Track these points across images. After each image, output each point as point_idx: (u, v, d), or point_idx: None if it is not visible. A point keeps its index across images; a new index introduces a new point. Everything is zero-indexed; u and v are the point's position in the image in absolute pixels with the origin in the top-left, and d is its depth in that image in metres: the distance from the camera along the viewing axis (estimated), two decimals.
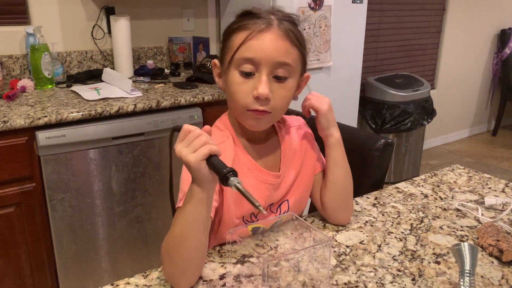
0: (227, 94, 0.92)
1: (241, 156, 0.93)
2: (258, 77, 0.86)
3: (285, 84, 0.89)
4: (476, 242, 0.95)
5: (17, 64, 2.11)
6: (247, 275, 0.82)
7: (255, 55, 0.84)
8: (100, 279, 1.89)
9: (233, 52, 0.86)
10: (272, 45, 0.85)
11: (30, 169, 1.65)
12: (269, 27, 0.85)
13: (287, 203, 1.01)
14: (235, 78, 0.87)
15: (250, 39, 0.84)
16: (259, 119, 0.89)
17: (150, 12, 2.45)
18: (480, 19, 4.29)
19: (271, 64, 0.85)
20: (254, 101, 0.86)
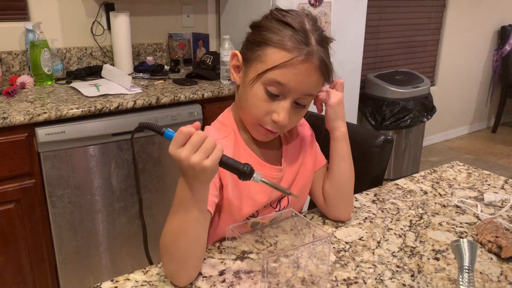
0: (243, 99, 0.90)
1: (242, 151, 0.93)
2: (282, 102, 0.86)
3: (302, 111, 0.90)
4: (475, 238, 0.95)
5: (17, 60, 2.10)
6: (247, 271, 0.82)
7: (288, 83, 0.83)
8: (100, 275, 1.90)
9: (266, 68, 0.84)
10: (307, 79, 0.84)
11: (30, 166, 1.65)
12: (309, 56, 0.83)
13: (287, 198, 1.01)
14: (259, 94, 0.86)
15: (288, 66, 0.82)
16: (267, 136, 0.92)
17: (149, 8, 2.44)
18: (480, 16, 4.28)
19: (299, 94, 0.86)
20: (270, 122, 0.88)
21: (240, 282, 0.79)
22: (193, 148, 0.67)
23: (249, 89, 0.87)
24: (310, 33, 0.84)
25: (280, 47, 0.83)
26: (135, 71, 2.29)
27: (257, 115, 0.88)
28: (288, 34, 0.83)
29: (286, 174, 0.99)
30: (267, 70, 0.83)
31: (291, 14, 0.87)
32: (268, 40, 0.84)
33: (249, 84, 0.87)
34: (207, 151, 0.68)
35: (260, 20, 0.90)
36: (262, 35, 0.86)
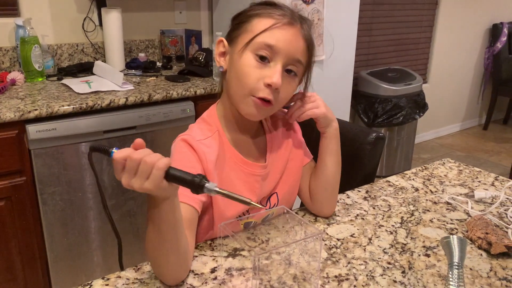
0: (232, 77, 0.89)
1: (227, 150, 0.93)
2: (273, 66, 0.86)
3: (292, 80, 0.89)
4: (465, 235, 0.96)
5: (7, 57, 2.08)
6: (238, 269, 0.82)
7: (277, 44, 0.85)
8: (92, 273, 1.89)
9: (254, 35, 0.85)
10: (294, 41, 0.86)
11: (21, 163, 1.63)
12: (294, 23, 0.87)
13: (276, 195, 1.01)
14: (249, 60, 0.86)
15: (276, 28, 0.85)
16: (260, 109, 0.88)
17: (142, 4, 2.43)
18: (472, 13, 4.30)
19: (288, 58, 0.86)
20: (263, 89, 0.86)
21: (231, 279, 0.79)
22: (130, 174, 0.63)
23: (238, 60, 0.87)
24: (293, 9, 0.90)
25: (265, 16, 0.87)
26: (127, 68, 2.27)
27: (249, 83, 0.86)
28: (270, 8, 0.88)
29: (272, 170, 0.98)
30: (255, 36, 0.85)
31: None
32: (253, 14, 0.88)
33: (238, 54, 0.87)
34: (144, 173, 0.63)
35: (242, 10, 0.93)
36: (246, 15, 0.90)
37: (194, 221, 0.84)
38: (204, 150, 0.88)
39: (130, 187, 0.64)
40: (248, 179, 0.94)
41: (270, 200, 1.00)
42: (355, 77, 2.99)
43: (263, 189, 0.97)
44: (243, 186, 0.93)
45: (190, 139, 0.88)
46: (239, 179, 0.93)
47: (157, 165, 0.63)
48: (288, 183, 1.02)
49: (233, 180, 0.92)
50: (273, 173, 0.99)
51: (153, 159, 0.63)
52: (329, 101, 1.04)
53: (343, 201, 1.10)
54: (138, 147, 0.65)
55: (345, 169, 1.25)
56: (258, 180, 0.95)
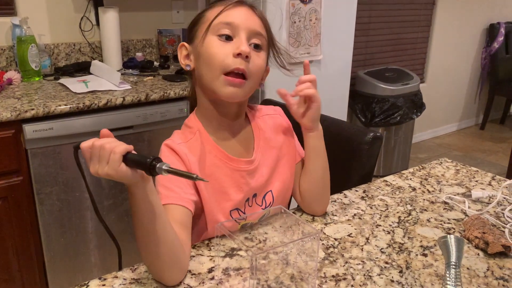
0: (201, 66, 0.90)
1: (210, 148, 0.93)
2: (237, 39, 0.88)
3: (260, 54, 0.91)
4: (462, 234, 0.96)
5: (3, 56, 2.07)
6: (236, 268, 0.82)
7: (234, 20, 0.88)
8: (89, 273, 1.88)
9: (210, 22, 0.89)
10: (249, 16, 0.91)
11: (17, 163, 1.63)
12: (244, 4, 0.92)
13: (271, 193, 1.00)
14: (213, 42, 0.88)
15: (228, 9, 0.89)
16: (236, 85, 0.87)
17: (139, 3, 2.42)
18: (469, 13, 4.31)
19: (249, 31, 0.89)
20: (234, 61, 0.86)
21: (229, 279, 0.79)
22: (93, 161, 0.67)
23: (203, 48, 0.89)
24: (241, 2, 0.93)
25: (214, 6, 0.91)
26: (124, 67, 2.27)
27: (218, 61, 0.87)
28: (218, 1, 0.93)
29: (261, 166, 0.98)
30: (211, 22, 0.89)
31: None
32: (204, 11, 0.93)
33: (200, 43, 0.90)
34: (104, 158, 0.65)
35: None
36: (199, 15, 0.94)
37: (187, 221, 0.84)
38: (186, 152, 0.89)
39: (96, 174, 0.67)
40: (233, 175, 0.93)
41: (266, 198, 1.00)
42: (353, 76, 2.99)
43: (250, 185, 0.96)
44: (229, 182, 0.93)
45: (171, 143, 0.90)
46: (225, 175, 0.92)
47: (114, 149, 0.65)
48: (282, 180, 1.02)
49: (219, 177, 0.92)
50: (263, 170, 0.98)
51: (112, 145, 0.66)
52: (326, 100, 1.04)
53: (341, 201, 1.10)
54: (105, 137, 0.68)
55: (342, 168, 1.26)
56: (244, 176, 0.95)
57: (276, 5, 2.19)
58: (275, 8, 2.19)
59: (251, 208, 0.98)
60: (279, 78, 1.09)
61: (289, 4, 2.22)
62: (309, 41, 2.36)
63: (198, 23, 0.93)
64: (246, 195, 0.96)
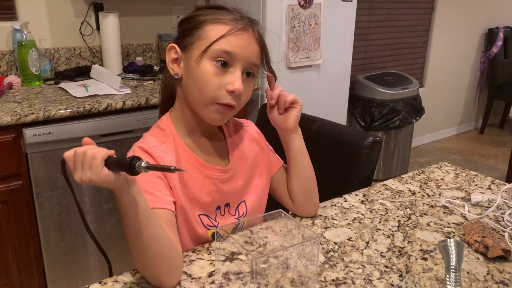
0: (190, 84, 0.89)
1: (183, 153, 0.92)
2: (233, 72, 0.87)
3: (251, 83, 0.92)
4: (462, 238, 0.96)
5: (4, 61, 2.08)
6: (236, 272, 0.82)
7: (234, 50, 0.86)
8: (89, 277, 1.88)
9: (210, 42, 0.86)
10: (250, 45, 0.88)
11: (17, 167, 1.63)
12: (247, 28, 0.88)
13: (245, 204, 1.00)
14: (209, 68, 0.86)
15: (230, 34, 0.86)
16: (223, 114, 0.89)
17: (139, 8, 2.43)
18: (468, 18, 4.33)
19: (246, 63, 0.88)
20: (226, 95, 0.87)
21: (229, 283, 0.79)
22: (77, 167, 0.67)
23: (196, 69, 0.87)
24: (243, 14, 0.91)
25: (218, 22, 0.87)
26: (124, 72, 2.27)
27: (211, 91, 0.86)
28: (223, 12, 0.89)
29: (236, 175, 0.97)
30: (211, 44, 0.86)
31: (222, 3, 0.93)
32: (205, 20, 0.88)
33: (195, 63, 0.87)
34: (86, 165, 0.66)
35: (188, 13, 0.93)
36: (196, 20, 0.89)
37: (173, 222, 0.85)
38: (161, 155, 0.88)
39: (80, 181, 0.67)
40: (205, 181, 0.93)
41: (239, 209, 0.99)
42: (352, 81, 3.00)
43: (222, 192, 0.95)
44: (199, 187, 0.92)
45: (145, 146, 0.89)
46: (196, 181, 0.91)
47: (95, 155, 0.66)
48: (257, 192, 1.01)
49: (189, 182, 0.91)
50: (237, 179, 0.97)
51: (93, 151, 0.66)
52: (326, 105, 1.04)
53: (340, 205, 1.11)
54: (87, 144, 0.69)
55: (342, 172, 1.26)
56: (216, 183, 0.94)
57: (275, 10, 2.20)
58: (275, 13, 2.20)
59: (223, 217, 0.97)
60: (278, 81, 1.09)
61: (288, 9, 2.23)
62: (309, 46, 2.37)
63: (194, 34, 0.88)
64: (216, 201, 0.95)
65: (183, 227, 0.91)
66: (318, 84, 2.49)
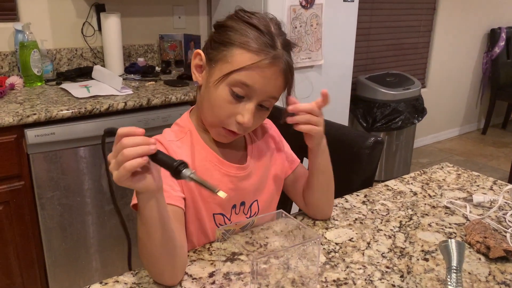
0: (205, 100, 0.89)
1: (201, 150, 0.92)
2: (247, 104, 0.85)
3: (265, 113, 0.91)
4: (464, 239, 0.96)
5: (6, 61, 2.09)
6: (237, 273, 0.82)
7: (254, 85, 0.83)
8: (90, 278, 1.88)
9: (232, 69, 0.83)
10: (272, 82, 0.85)
11: (19, 167, 1.63)
12: (276, 60, 0.83)
13: (257, 203, 1.00)
14: (224, 95, 0.85)
15: (254, 68, 0.82)
16: (227, 137, 0.91)
17: (141, 9, 2.43)
18: (470, 18, 4.32)
19: (263, 96, 0.86)
20: (234, 124, 0.87)
21: (230, 283, 0.79)
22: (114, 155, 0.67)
23: (213, 90, 0.86)
24: (276, 36, 0.85)
25: (246, 48, 0.83)
26: (126, 72, 2.28)
27: (221, 116, 0.87)
28: (254, 35, 0.83)
29: (252, 174, 0.97)
30: (233, 71, 0.83)
31: (257, 16, 0.87)
32: (234, 41, 0.84)
33: (213, 84, 0.86)
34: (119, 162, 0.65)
35: (225, 20, 0.89)
36: (227, 35, 0.85)
37: (181, 219, 0.85)
38: (175, 150, 0.89)
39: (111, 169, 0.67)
40: (222, 179, 0.93)
41: (252, 208, 0.99)
42: (354, 81, 3.00)
43: (239, 191, 0.95)
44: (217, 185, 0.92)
45: (161, 139, 0.90)
46: (214, 179, 0.92)
47: (125, 165, 0.64)
48: (270, 191, 1.01)
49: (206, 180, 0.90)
50: (253, 178, 0.97)
51: (131, 153, 0.64)
52: (327, 105, 1.04)
53: (342, 205, 1.10)
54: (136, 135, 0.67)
55: (343, 173, 1.25)
56: (234, 181, 0.94)
57: (277, 10, 2.20)
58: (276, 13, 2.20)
59: (237, 216, 0.97)
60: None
61: (290, 9, 2.23)
62: (310, 46, 2.37)
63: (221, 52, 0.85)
64: (232, 200, 0.95)
65: (192, 224, 0.92)
66: (319, 84, 2.49)
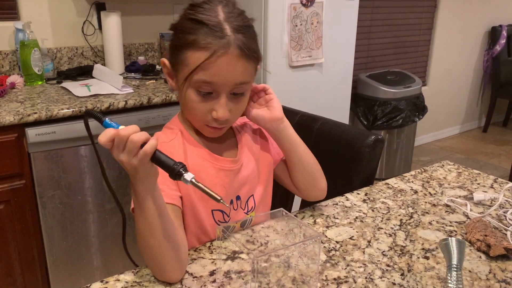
0: (182, 103, 0.91)
1: (193, 149, 0.93)
2: (216, 98, 0.86)
3: (242, 99, 0.90)
4: (464, 237, 0.96)
5: (6, 60, 2.09)
6: (237, 271, 0.82)
7: (215, 80, 0.84)
8: (91, 276, 1.89)
9: (189, 71, 0.84)
10: (231, 69, 0.84)
11: (20, 166, 1.63)
12: (226, 48, 0.82)
13: (253, 198, 1.01)
14: (192, 96, 0.86)
15: (209, 63, 0.82)
16: (216, 131, 0.92)
17: (141, 8, 2.43)
18: (471, 16, 4.31)
19: (230, 86, 0.86)
20: (212, 120, 0.88)
21: (230, 282, 0.79)
22: (118, 150, 0.68)
23: (183, 93, 0.88)
24: (224, 23, 0.83)
25: (196, 47, 0.82)
26: (126, 71, 2.28)
27: (198, 116, 0.89)
28: (202, 32, 0.83)
29: (245, 167, 0.98)
30: (191, 73, 0.84)
31: (204, 8, 0.85)
32: (185, 42, 0.84)
33: (181, 88, 0.88)
34: (131, 152, 0.67)
35: (177, 21, 0.89)
36: (178, 39, 0.86)
37: (179, 217, 0.86)
38: (169, 150, 0.88)
39: (119, 161, 0.68)
40: (218, 174, 0.94)
41: (248, 203, 1.00)
42: (355, 80, 2.99)
43: (234, 184, 0.96)
44: (213, 181, 0.93)
45: None
46: (209, 175, 0.93)
47: (144, 149, 0.66)
48: (263, 183, 1.03)
49: (202, 177, 0.91)
50: (246, 170, 0.98)
51: (140, 138, 0.66)
52: (328, 103, 1.04)
53: (342, 204, 1.10)
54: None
55: (344, 171, 1.25)
56: (229, 175, 0.95)
57: (277, 9, 2.19)
58: (277, 12, 2.20)
59: (236, 212, 0.98)
60: (281, 80, 1.09)
61: (290, 8, 2.23)
62: (311, 45, 2.36)
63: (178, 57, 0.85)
64: (229, 195, 0.96)
65: (191, 222, 0.92)
66: (320, 83, 2.48)
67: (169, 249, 0.76)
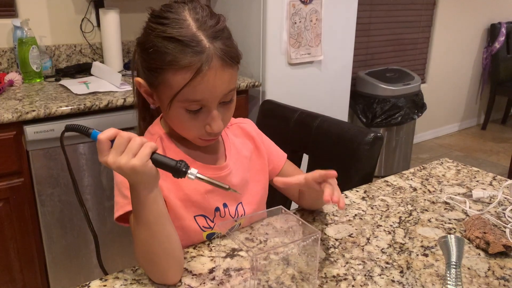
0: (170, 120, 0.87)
1: (173, 155, 0.87)
2: (207, 112, 0.82)
3: (231, 105, 0.87)
4: (463, 234, 0.96)
5: (4, 58, 2.08)
6: (237, 269, 0.82)
7: (203, 97, 0.79)
8: (90, 274, 1.89)
9: (173, 93, 0.79)
10: (218, 82, 0.79)
11: (19, 164, 1.63)
12: (209, 62, 0.77)
13: (242, 206, 0.97)
14: (182, 114, 0.82)
15: (194, 83, 0.77)
16: (211, 141, 0.89)
17: (139, 5, 2.42)
18: (470, 13, 4.31)
19: (219, 98, 0.81)
20: (206, 133, 0.84)
21: (230, 279, 0.79)
22: (118, 150, 0.66)
23: (170, 113, 0.83)
24: (199, 34, 0.77)
25: (176, 67, 0.77)
26: (125, 69, 2.27)
27: (191, 133, 0.85)
28: (178, 50, 0.76)
29: (235, 175, 0.95)
30: (176, 94, 0.79)
31: (171, 20, 0.80)
32: (162, 64, 0.78)
33: (167, 107, 0.82)
34: (133, 150, 0.66)
35: (145, 39, 0.83)
36: (154, 60, 0.79)
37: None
38: None
39: (115, 164, 0.66)
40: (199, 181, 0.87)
41: (238, 209, 0.97)
42: (354, 77, 2.99)
43: (219, 192, 0.92)
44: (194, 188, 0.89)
45: None
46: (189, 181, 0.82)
47: (146, 144, 0.67)
48: (253, 193, 0.99)
49: (182, 182, 0.88)
50: (235, 178, 0.95)
51: (143, 140, 0.68)
52: (327, 101, 1.04)
53: None
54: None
55: (343, 169, 1.25)
56: None
57: (276, 6, 2.19)
58: (276, 9, 2.19)
59: (223, 219, 0.94)
60: (280, 77, 1.09)
61: (289, 5, 2.22)
62: (310, 42, 2.36)
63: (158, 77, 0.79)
64: (213, 202, 0.92)
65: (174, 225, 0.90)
66: (319, 80, 2.48)
67: (170, 253, 0.76)
